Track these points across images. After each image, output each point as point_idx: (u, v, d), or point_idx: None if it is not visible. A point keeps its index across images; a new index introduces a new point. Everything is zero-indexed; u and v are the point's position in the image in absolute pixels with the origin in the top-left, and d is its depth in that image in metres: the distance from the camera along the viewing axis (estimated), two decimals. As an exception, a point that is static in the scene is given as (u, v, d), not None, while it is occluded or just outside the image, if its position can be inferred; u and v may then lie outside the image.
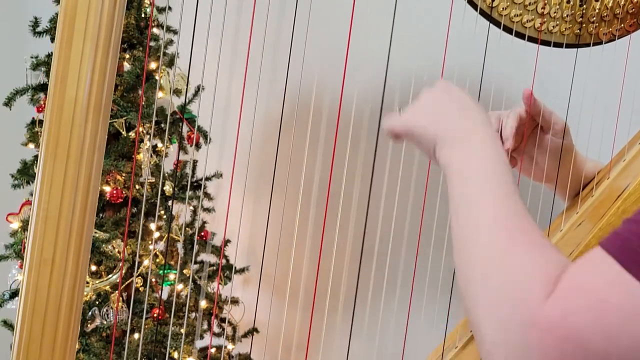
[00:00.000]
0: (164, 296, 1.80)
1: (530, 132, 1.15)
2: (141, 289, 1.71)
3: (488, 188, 0.75)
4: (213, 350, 1.78)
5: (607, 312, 0.58)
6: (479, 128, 0.81)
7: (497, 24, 1.09)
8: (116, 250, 1.64)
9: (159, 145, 1.77)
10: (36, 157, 1.69)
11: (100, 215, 1.74)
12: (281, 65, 1.10)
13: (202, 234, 1.81)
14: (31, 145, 1.73)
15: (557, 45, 1.11)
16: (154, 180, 1.71)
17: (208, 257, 1.85)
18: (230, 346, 1.81)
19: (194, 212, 1.81)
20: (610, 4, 1.08)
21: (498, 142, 0.80)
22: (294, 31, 1.05)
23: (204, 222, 1.83)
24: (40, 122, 1.69)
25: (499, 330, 0.64)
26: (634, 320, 0.57)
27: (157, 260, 1.74)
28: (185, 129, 1.80)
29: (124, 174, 1.68)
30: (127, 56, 1.72)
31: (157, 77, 1.73)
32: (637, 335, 0.57)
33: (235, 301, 1.81)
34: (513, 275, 0.65)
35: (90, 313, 1.65)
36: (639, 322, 0.57)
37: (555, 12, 1.09)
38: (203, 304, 1.75)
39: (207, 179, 1.80)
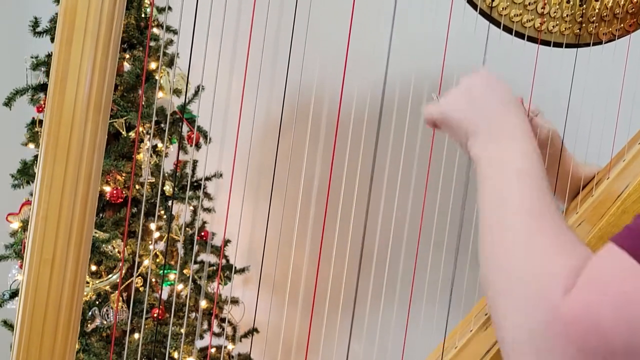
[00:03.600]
0: (164, 296, 1.80)
1: None
2: (141, 289, 1.71)
3: (522, 182, 0.75)
4: (213, 350, 1.77)
5: (627, 304, 0.58)
6: (517, 125, 0.81)
7: (496, 23, 1.09)
8: (116, 250, 1.64)
9: (159, 145, 1.77)
10: (36, 157, 1.69)
11: (100, 215, 1.74)
12: (281, 65, 1.10)
13: (202, 234, 1.81)
14: (31, 145, 1.73)
15: (557, 45, 1.11)
16: (154, 180, 1.71)
17: (208, 257, 1.85)
18: (230, 346, 1.81)
19: (194, 212, 1.81)
20: (610, 4, 1.08)
21: (534, 140, 0.80)
22: (294, 31, 1.05)
23: (204, 222, 1.83)
24: (40, 122, 1.70)
25: (522, 324, 0.64)
26: None
27: (157, 260, 1.74)
28: (185, 128, 1.80)
29: (124, 174, 1.68)
30: (127, 56, 1.72)
31: (157, 77, 1.73)
32: None
33: (235, 301, 1.81)
34: (536, 267, 0.66)
35: (90, 313, 1.65)
36: None
37: (555, 12, 1.09)
38: (203, 304, 1.75)
39: (207, 179, 1.80)
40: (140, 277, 1.71)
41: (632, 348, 0.58)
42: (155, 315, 1.69)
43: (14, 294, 1.68)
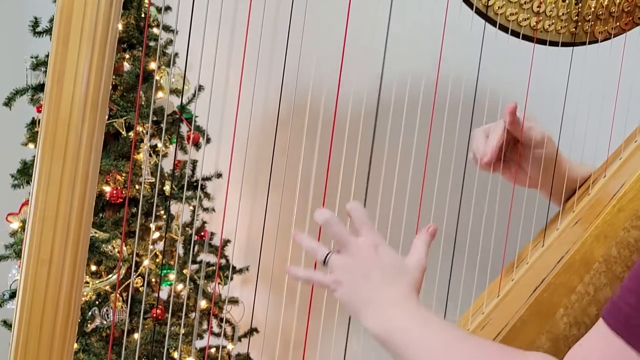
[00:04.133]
0: (164, 296, 1.80)
1: (511, 144, 1.15)
2: (141, 289, 1.71)
3: (430, 334, 0.81)
4: (212, 350, 1.78)
5: None
6: (405, 295, 0.86)
7: (492, 22, 1.10)
8: (116, 250, 1.64)
9: (159, 145, 1.77)
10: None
11: (100, 215, 1.74)
12: (278, 63, 1.10)
13: (202, 233, 1.82)
14: (31, 145, 1.74)
15: (553, 44, 1.11)
16: (153, 180, 1.71)
17: (207, 257, 1.85)
18: (229, 346, 1.81)
19: (194, 212, 1.81)
20: (605, 2, 1.08)
21: (414, 296, 0.87)
22: (291, 29, 1.05)
23: (204, 222, 1.83)
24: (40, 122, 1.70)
25: None
26: None
27: (157, 260, 1.75)
28: (184, 128, 1.81)
29: (124, 174, 1.68)
30: (127, 56, 1.72)
31: (156, 77, 1.73)
32: None
33: (234, 301, 1.81)
34: None
35: (90, 313, 1.65)
36: None
37: (550, 11, 1.09)
38: (202, 303, 1.76)
39: (207, 178, 1.81)
40: (139, 277, 1.71)
41: None
42: (154, 315, 1.69)
43: (14, 294, 1.69)
